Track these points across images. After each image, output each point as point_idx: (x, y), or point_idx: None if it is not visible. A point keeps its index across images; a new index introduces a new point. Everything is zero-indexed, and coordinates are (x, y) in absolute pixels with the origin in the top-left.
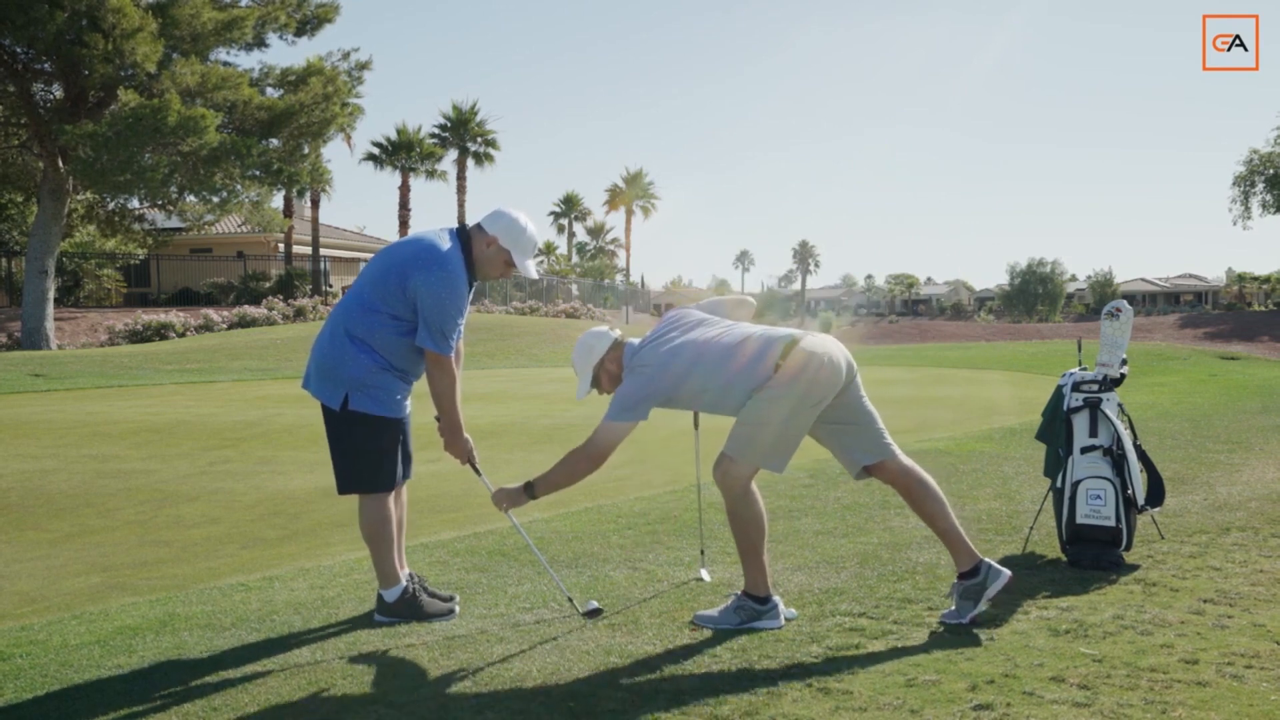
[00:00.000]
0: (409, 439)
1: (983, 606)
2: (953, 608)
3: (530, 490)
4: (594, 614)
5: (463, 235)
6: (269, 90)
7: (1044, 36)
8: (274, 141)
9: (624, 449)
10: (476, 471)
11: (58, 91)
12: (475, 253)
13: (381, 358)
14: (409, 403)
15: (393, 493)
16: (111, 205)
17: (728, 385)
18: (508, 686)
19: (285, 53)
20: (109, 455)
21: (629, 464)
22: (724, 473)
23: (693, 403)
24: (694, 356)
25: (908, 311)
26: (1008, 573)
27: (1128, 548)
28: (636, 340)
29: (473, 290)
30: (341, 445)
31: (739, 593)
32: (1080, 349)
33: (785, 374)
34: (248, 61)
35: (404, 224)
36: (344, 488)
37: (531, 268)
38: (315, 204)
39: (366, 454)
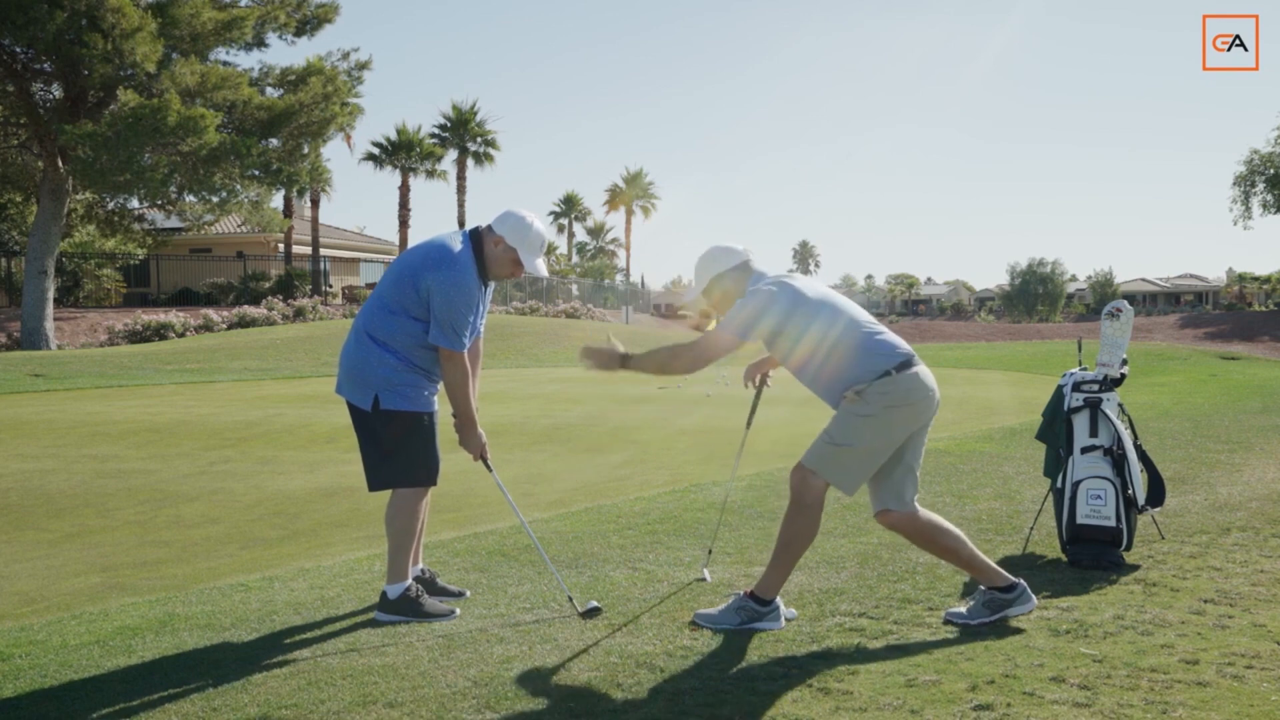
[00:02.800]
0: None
1: (993, 618)
2: (963, 610)
3: (625, 360)
4: (593, 613)
5: (474, 237)
6: (269, 90)
7: (1044, 36)
8: (274, 141)
9: (624, 449)
10: (488, 468)
11: (57, 91)
12: (485, 252)
13: (405, 358)
14: (436, 400)
15: (428, 491)
16: (111, 205)
17: (834, 355)
18: (508, 686)
19: (285, 53)
20: (109, 455)
21: (629, 464)
22: (801, 479)
23: (792, 354)
24: (820, 304)
25: (908, 311)
26: (1035, 602)
27: (1128, 548)
28: (766, 270)
29: (489, 290)
30: (376, 443)
31: (742, 593)
32: (1080, 349)
33: (888, 395)
34: (247, 61)
35: (404, 224)
36: (377, 484)
37: (541, 266)
38: (315, 204)
39: (403, 449)
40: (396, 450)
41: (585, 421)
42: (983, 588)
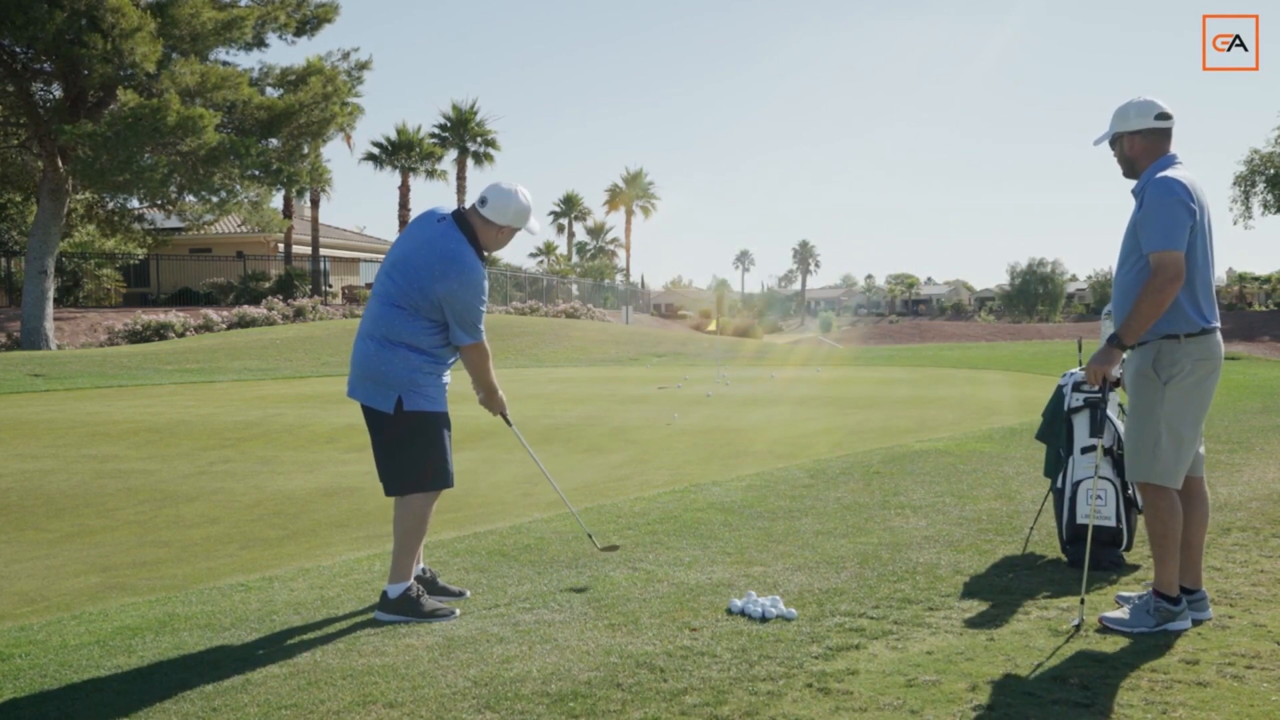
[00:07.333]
0: None
1: (1149, 628)
2: (1125, 615)
3: (1117, 342)
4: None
5: (461, 220)
6: (269, 90)
7: (1044, 36)
8: (273, 141)
9: (624, 449)
10: (508, 423)
11: (57, 91)
12: (477, 230)
13: (428, 356)
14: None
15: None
16: (111, 205)
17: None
18: (508, 686)
19: (285, 52)
20: (109, 455)
21: (629, 464)
22: (1142, 486)
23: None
24: (1200, 233)
25: (908, 311)
26: (1208, 616)
27: (1128, 548)
28: (1177, 156)
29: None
30: (401, 447)
31: (1150, 592)
32: (1080, 349)
33: (1196, 348)
34: (247, 61)
35: (404, 224)
36: (395, 489)
37: (534, 226)
38: (315, 204)
39: (430, 453)
40: (417, 453)
41: (585, 421)
42: (1150, 594)
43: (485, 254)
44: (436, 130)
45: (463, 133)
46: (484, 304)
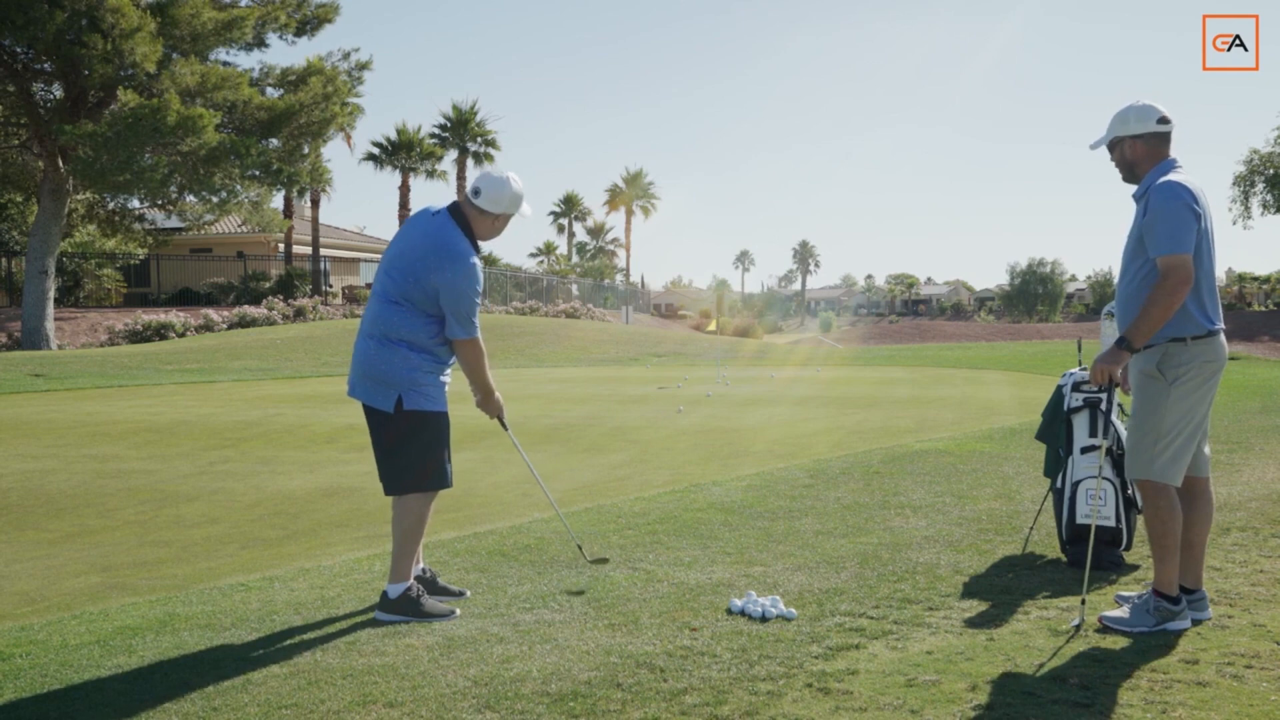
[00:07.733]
0: None
1: (1150, 627)
2: (1124, 614)
3: (1126, 344)
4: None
5: (456, 212)
6: (269, 90)
7: (1043, 36)
8: (274, 141)
9: (624, 449)
10: (504, 427)
11: (58, 91)
12: (472, 222)
13: (427, 354)
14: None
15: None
16: (111, 205)
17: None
18: (508, 686)
19: (285, 53)
20: (109, 455)
21: (629, 464)
22: (1141, 485)
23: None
24: (1204, 236)
25: (908, 311)
26: (1208, 616)
27: (1128, 547)
28: (1177, 160)
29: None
30: (400, 446)
31: (1150, 591)
32: (1080, 349)
33: (1202, 350)
34: (248, 61)
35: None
36: (395, 488)
37: (527, 210)
38: (315, 204)
39: (429, 453)
40: (417, 453)
41: (585, 421)
42: (1150, 594)
43: (480, 245)
44: (436, 130)
45: (463, 133)
46: (480, 296)
